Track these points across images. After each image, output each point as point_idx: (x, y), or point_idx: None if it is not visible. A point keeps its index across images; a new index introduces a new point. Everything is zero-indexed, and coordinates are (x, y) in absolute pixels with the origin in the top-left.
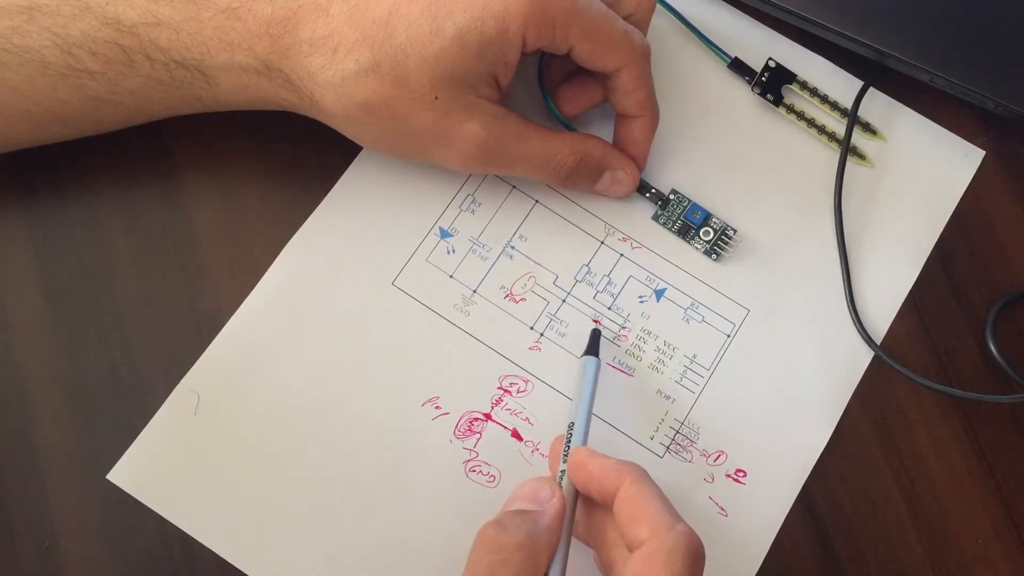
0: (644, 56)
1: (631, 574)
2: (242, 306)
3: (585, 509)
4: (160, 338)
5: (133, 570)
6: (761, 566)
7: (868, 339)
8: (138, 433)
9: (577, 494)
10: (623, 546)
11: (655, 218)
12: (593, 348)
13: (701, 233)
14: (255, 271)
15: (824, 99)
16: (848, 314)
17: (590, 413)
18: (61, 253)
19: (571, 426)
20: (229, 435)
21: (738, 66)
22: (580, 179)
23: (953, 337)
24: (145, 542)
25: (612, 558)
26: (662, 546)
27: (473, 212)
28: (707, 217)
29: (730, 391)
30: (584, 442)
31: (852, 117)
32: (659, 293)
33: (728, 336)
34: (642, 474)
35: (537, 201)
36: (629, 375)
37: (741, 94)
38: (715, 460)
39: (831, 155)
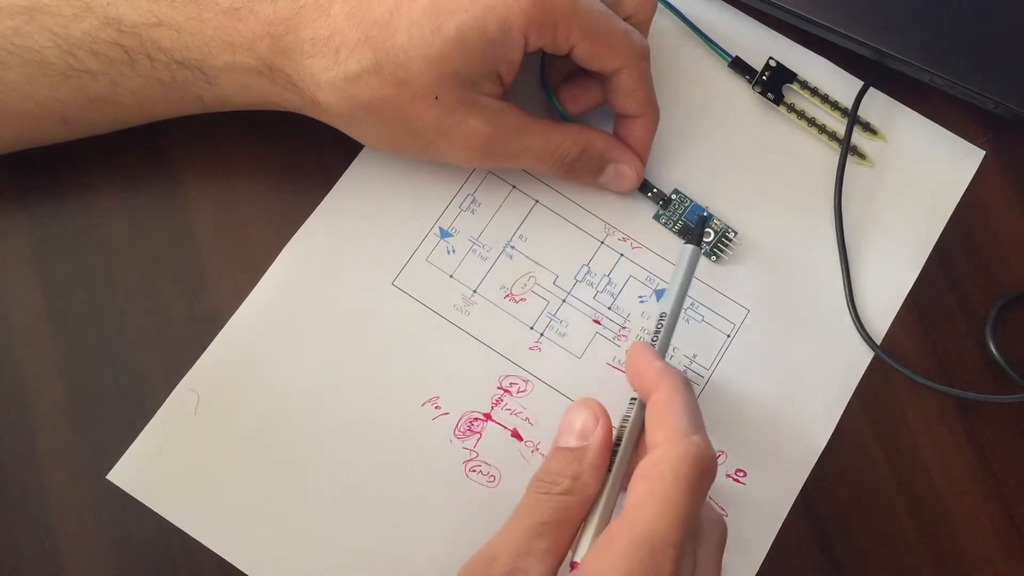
0: (643, 56)
1: (637, 475)
2: (242, 306)
3: None
4: (160, 338)
5: (133, 570)
6: (761, 566)
7: (868, 339)
8: (138, 433)
9: (642, 425)
10: None
11: (656, 218)
12: (696, 236)
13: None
14: (255, 271)
15: (824, 99)
16: (848, 314)
17: (680, 306)
18: (61, 253)
19: (661, 317)
20: (229, 435)
21: (739, 65)
22: (583, 170)
23: (953, 337)
24: (145, 542)
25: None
26: (672, 451)
27: (473, 212)
28: (708, 219)
29: (730, 391)
30: (669, 336)
31: (852, 117)
32: (659, 293)
33: (728, 336)
34: (680, 384)
35: (537, 201)
36: None
37: (742, 93)
38: None
39: (831, 155)
